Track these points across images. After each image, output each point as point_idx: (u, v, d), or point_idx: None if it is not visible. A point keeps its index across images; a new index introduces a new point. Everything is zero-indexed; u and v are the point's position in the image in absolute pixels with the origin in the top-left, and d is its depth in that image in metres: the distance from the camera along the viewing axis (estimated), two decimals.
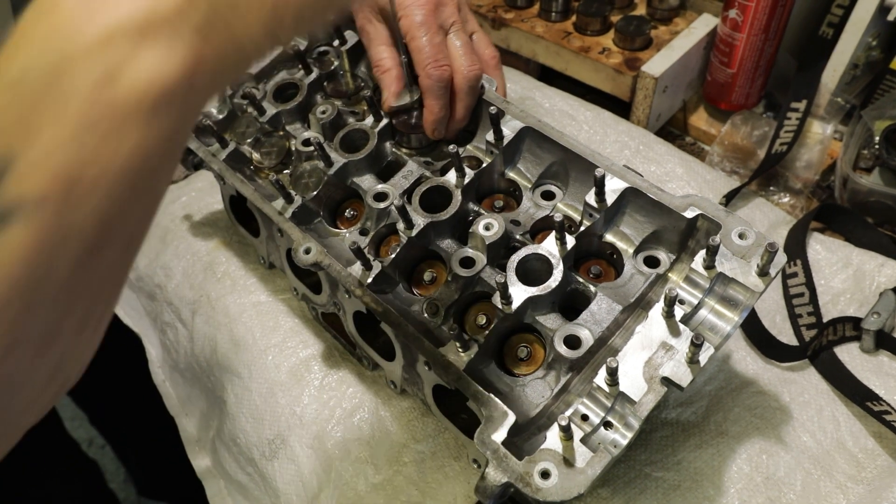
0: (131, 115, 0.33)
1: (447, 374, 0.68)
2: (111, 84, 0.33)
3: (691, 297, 0.69)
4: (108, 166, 0.33)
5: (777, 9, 1.05)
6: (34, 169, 0.31)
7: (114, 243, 0.36)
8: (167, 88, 0.34)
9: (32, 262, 0.32)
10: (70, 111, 0.32)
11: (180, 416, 1.02)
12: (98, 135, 0.32)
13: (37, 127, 0.32)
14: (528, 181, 0.85)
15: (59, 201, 0.32)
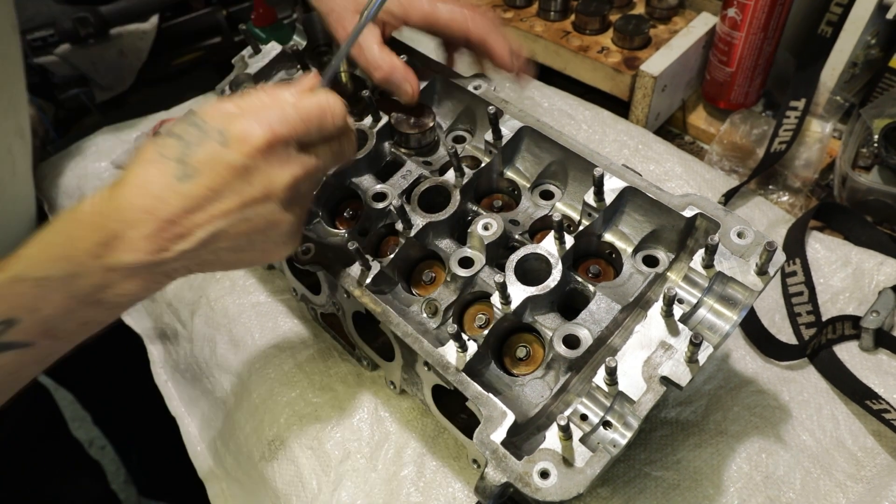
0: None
1: (446, 374, 0.68)
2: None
3: (690, 296, 0.69)
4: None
5: (776, 7, 1.05)
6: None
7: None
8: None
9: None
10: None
11: (182, 417, 1.02)
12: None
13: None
14: (527, 181, 0.85)
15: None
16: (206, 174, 0.56)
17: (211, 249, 0.59)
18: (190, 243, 0.57)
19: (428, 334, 0.73)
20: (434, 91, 0.91)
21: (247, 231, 0.60)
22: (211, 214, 0.57)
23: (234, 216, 0.58)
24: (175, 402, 1.03)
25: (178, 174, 0.56)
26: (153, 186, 0.55)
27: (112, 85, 1.35)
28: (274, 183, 0.59)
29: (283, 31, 1.26)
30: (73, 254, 0.55)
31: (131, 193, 0.55)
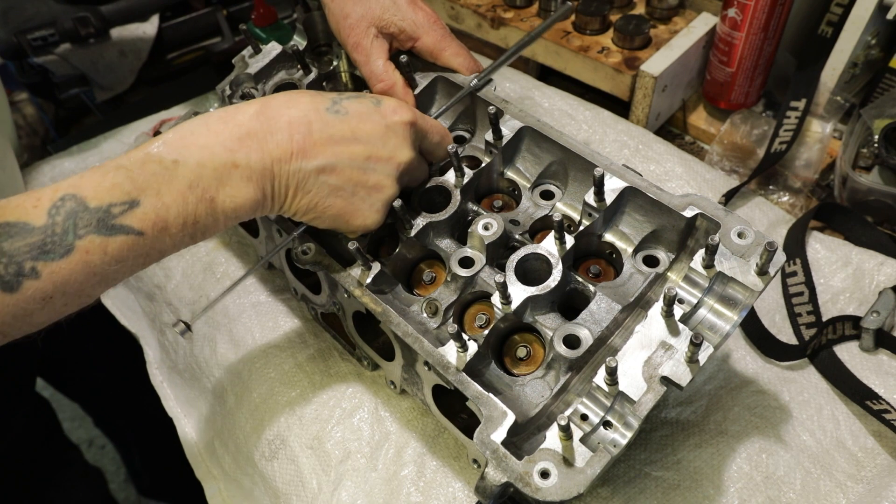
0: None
1: (447, 374, 0.68)
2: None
3: (690, 296, 0.69)
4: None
5: (776, 7, 1.05)
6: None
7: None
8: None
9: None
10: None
11: (179, 418, 1.02)
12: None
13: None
14: (528, 181, 0.85)
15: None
16: (353, 117, 0.66)
17: (322, 180, 0.66)
18: (311, 163, 0.64)
19: (428, 334, 0.73)
20: (434, 91, 0.91)
21: (358, 180, 0.68)
22: (341, 150, 0.66)
23: (357, 162, 0.67)
24: (171, 402, 1.03)
25: (329, 107, 0.65)
26: (303, 107, 0.64)
27: (112, 85, 1.34)
28: (399, 154, 0.70)
29: (283, 31, 1.26)
30: (209, 143, 0.60)
31: (281, 105, 0.63)
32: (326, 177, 0.66)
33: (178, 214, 0.58)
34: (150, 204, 0.57)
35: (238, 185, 0.61)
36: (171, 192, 0.58)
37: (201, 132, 0.60)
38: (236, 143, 0.61)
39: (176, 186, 0.58)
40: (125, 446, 1.90)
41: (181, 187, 0.58)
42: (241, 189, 0.61)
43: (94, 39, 1.29)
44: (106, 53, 1.31)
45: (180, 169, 0.58)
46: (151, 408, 1.10)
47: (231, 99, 0.98)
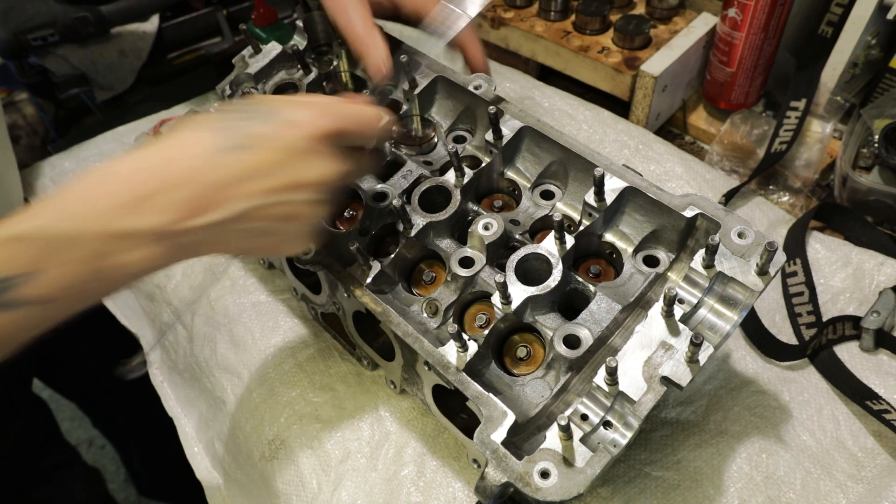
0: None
1: (447, 374, 0.68)
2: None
3: (691, 296, 0.69)
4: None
5: (776, 7, 1.05)
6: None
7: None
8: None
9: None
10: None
11: (179, 418, 1.02)
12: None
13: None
14: (528, 180, 0.85)
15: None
16: (259, 149, 0.56)
17: (235, 228, 0.57)
18: (221, 215, 0.55)
19: (428, 334, 0.73)
20: (434, 91, 0.91)
21: (275, 216, 0.59)
22: (251, 190, 0.57)
23: (271, 197, 0.58)
24: (172, 402, 1.03)
25: (232, 144, 0.55)
26: (203, 150, 0.55)
27: (112, 85, 1.34)
28: (313, 174, 0.60)
29: (283, 31, 1.26)
30: (95, 209, 0.52)
31: (178, 155, 0.54)
32: (236, 225, 0.57)
33: (65, 286, 0.51)
34: (30, 282, 0.50)
35: (136, 252, 0.53)
36: (53, 268, 0.51)
37: (88, 197, 0.52)
38: (123, 209, 0.52)
39: (62, 260, 0.51)
40: (125, 446, 1.89)
41: (68, 261, 0.51)
42: (140, 254, 0.53)
43: (94, 39, 1.29)
44: (106, 53, 1.31)
45: (63, 243, 0.51)
46: (151, 408, 1.10)
47: (231, 100, 0.98)
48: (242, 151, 0.56)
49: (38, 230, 0.51)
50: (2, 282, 0.49)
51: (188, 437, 1.00)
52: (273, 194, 0.58)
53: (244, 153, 0.56)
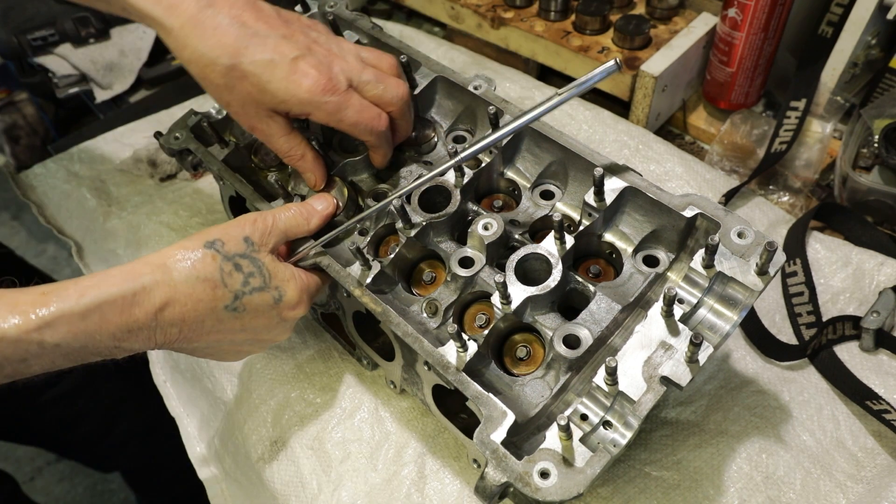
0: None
1: (446, 374, 0.68)
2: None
3: (690, 296, 0.69)
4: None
5: (776, 8, 1.05)
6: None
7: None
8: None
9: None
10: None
11: (182, 417, 1.02)
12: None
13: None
14: (527, 181, 0.85)
15: None
16: (250, 314, 0.69)
17: (208, 351, 0.73)
18: (196, 345, 0.69)
19: (428, 334, 0.73)
20: (434, 91, 0.91)
21: (246, 345, 0.74)
22: (231, 337, 0.71)
23: (244, 338, 0.72)
24: (174, 401, 1.03)
25: (230, 305, 0.67)
26: (207, 305, 0.65)
27: (112, 85, 1.35)
28: (281, 336, 0.76)
29: None
30: (98, 330, 0.61)
31: (178, 305, 0.64)
32: (213, 349, 0.72)
33: (53, 368, 0.62)
34: (22, 368, 0.60)
35: (119, 352, 0.65)
36: (48, 362, 0.60)
37: (94, 320, 0.60)
38: (126, 334, 0.62)
39: (55, 359, 0.61)
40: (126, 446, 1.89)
41: (60, 357, 0.61)
42: (123, 354, 0.65)
43: (94, 39, 1.29)
44: (106, 53, 1.31)
45: (62, 349, 0.60)
46: (153, 407, 1.10)
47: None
48: (236, 313, 0.68)
49: (52, 339, 0.59)
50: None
51: (190, 436, 1.00)
52: (249, 339, 0.73)
53: (237, 315, 0.68)
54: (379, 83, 0.77)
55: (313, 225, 0.76)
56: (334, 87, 0.74)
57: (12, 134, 1.54)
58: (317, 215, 0.77)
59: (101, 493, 2.10)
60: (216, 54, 0.71)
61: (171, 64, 1.39)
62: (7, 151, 1.50)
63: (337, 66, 0.75)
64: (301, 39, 0.75)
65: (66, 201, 1.23)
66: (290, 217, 0.75)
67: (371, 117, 0.77)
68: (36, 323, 0.58)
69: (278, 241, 0.73)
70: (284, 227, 0.74)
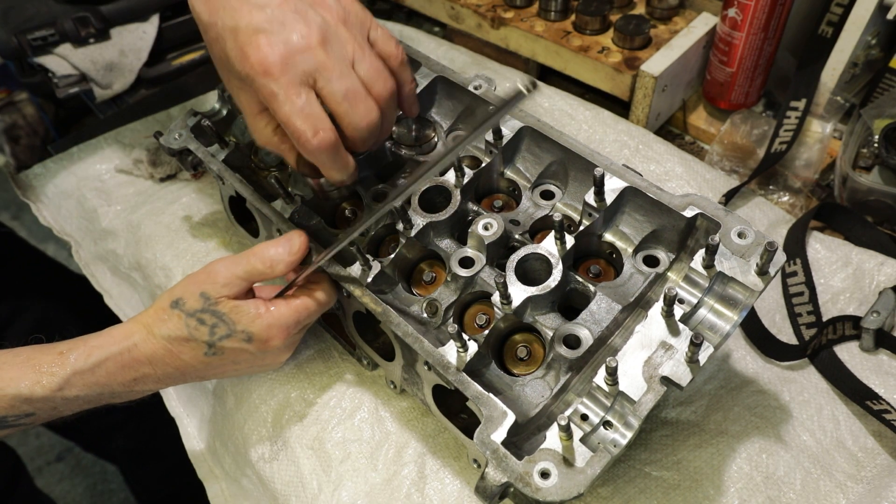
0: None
1: (447, 374, 0.68)
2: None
3: (691, 296, 0.69)
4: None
5: (776, 7, 1.05)
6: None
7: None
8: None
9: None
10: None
11: (181, 417, 1.02)
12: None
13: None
14: (528, 181, 0.85)
15: None
16: (231, 355, 0.75)
17: (219, 376, 0.82)
18: (203, 378, 0.80)
19: (428, 334, 0.73)
20: (434, 91, 0.91)
21: (251, 370, 0.81)
22: (230, 369, 0.79)
23: (244, 368, 0.79)
24: (174, 402, 1.03)
25: (208, 352, 0.75)
26: (186, 356, 0.74)
27: (112, 85, 1.34)
28: (277, 362, 0.81)
29: None
30: (109, 382, 0.74)
31: (168, 358, 0.74)
32: (214, 377, 0.81)
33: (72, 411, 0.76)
34: (46, 415, 0.74)
35: (136, 395, 0.79)
36: (67, 410, 0.75)
37: (102, 374, 0.73)
38: (132, 382, 0.75)
39: (73, 408, 0.75)
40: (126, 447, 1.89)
41: (84, 403, 0.75)
42: (138, 395, 0.79)
43: (94, 39, 1.29)
44: (106, 53, 1.31)
45: (83, 399, 0.74)
46: (153, 407, 1.09)
47: (231, 99, 0.98)
48: (215, 356, 0.75)
49: (72, 393, 0.72)
50: (12, 417, 0.72)
51: (190, 437, 1.00)
52: (238, 369, 0.80)
53: (217, 356, 0.75)
54: (345, 101, 0.68)
55: (278, 271, 0.75)
56: (280, 72, 0.66)
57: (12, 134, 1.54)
58: (283, 262, 0.75)
59: (101, 493, 2.10)
60: (201, 9, 0.75)
61: (171, 64, 1.39)
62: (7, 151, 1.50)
63: (309, 55, 0.67)
64: (303, 17, 0.68)
65: (65, 201, 1.23)
66: (253, 265, 0.74)
67: (306, 128, 0.67)
68: (57, 383, 0.71)
69: (240, 289, 0.75)
70: (246, 274, 0.74)
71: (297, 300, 0.76)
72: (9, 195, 2.86)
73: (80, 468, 2.16)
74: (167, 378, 0.77)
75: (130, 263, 1.12)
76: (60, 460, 2.18)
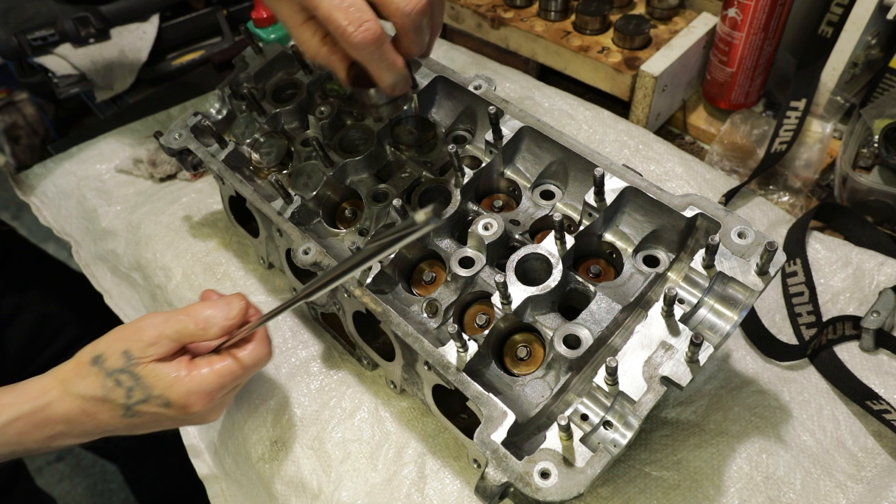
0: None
1: (447, 374, 0.68)
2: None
3: (691, 296, 0.69)
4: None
5: (776, 7, 1.05)
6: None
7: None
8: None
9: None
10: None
11: None
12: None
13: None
14: (528, 181, 0.85)
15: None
16: (152, 416, 0.73)
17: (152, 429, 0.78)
18: (131, 432, 0.77)
19: (428, 334, 0.73)
20: (434, 91, 0.91)
21: (185, 424, 0.78)
22: (143, 429, 0.76)
23: (160, 427, 0.76)
24: None
25: (125, 414, 0.72)
26: (103, 416, 0.72)
27: (112, 85, 1.34)
28: (207, 420, 0.78)
29: (283, 30, 1.26)
30: (21, 441, 0.72)
31: (84, 416, 0.72)
32: (143, 430, 0.77)
33: None
34: None
35: (54, 449, 0.76)
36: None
37: (13, 432, 0.71)
38: (48, 439, 0.73)
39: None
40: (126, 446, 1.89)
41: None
42: (57, 449, 0.77)
43: (94, 39, 1.29)
44: (106, 53, 1.30)
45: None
46: None
47: (230, 99, 0.98)
48: (134, 417, 0.73)
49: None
50: None
51: (190, 437, 1.00)
52: (181, 423, 0.76)
53: (136, 418, 0.73)
54: None
55: (211, 334, 0.72)
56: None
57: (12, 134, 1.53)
58: (217, 326, 0.72)
59: (101, 493, 2.10)
60: None
61: (171, 64, 1.39)
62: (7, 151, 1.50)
63: None
64: None
65: (65, 201, 1.23)
66: (184, 325, 0.72)
67: (350, 21, 0.63)
68: None
69: (168, 349, 0.72)
70: (175, 335, 0.72)
71: (223, 363, 0.72)
72: (9, 195, 2.86)
73: (80, 468, 2.16)
74: (86, 435, 0.74)
75: (130, 263, 1.12)
76: (60, 460, 2.18)
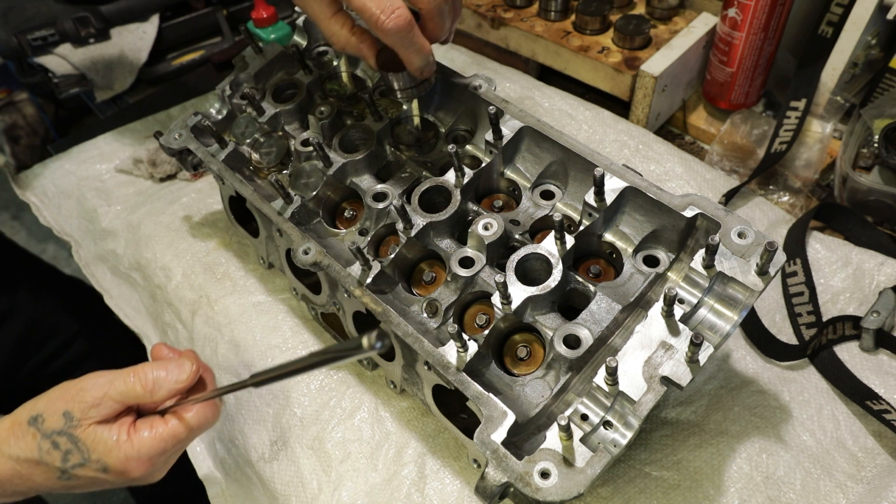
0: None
1: (447, 374, 0.68)
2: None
3: (691, 296, 0.69)
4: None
5: (776, 7, 1.05)
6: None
7: None
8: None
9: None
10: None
11: None
12: None
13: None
14: (528, 181, 0.85)
15: None
16: (85, 480, 0.71)
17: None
18: (73, 492, 0.75)
19: (428, 334, 0.73)
20: (434, 91, 0.91)
21: (130, 484, 0.74)
22: (80, 491, 0.74)
23: (99, 489, 0.74)
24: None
25: (61, 477, 0.70)
26: (38, 479, 0.71)
27: (112, 85, 1.34)
28: (148, 481, 0.75)
29: (283, 31, 1.26)
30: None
31: (17, 478, 0.70)
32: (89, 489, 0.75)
33: None
34: None
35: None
36: None
37: None
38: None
39: None
40: None
41: None
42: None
43: (94, 39, 1.29)
44: (106, 53, 1.31)
45: None
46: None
47: (230, 99, 0.98)
48: (71, 480, 0.70)
49: None
50: None
51: None
52: (124, 484, 0.73)
53: (73, 481, 0.71)
54: None
55: (158, 397, 0.70)
56: None
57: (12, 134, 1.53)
58: (165, 388, 0.70)
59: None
60: None
61: (171, 64, 1.39)
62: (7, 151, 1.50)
63: None
64: None
65: (65, 201, 1.23)
66: (130, 387, 0.69)
67: (381, 10, 0.68)
68: None
69: (111, 411, 0.69)
70: (120, 397, 0.69)
71: (166, 427, 0.70)
72: (9, 195, 2.86)
73: None
74: (18, 495, 0.72)
75: (130, 263, 1.12)
76: None
